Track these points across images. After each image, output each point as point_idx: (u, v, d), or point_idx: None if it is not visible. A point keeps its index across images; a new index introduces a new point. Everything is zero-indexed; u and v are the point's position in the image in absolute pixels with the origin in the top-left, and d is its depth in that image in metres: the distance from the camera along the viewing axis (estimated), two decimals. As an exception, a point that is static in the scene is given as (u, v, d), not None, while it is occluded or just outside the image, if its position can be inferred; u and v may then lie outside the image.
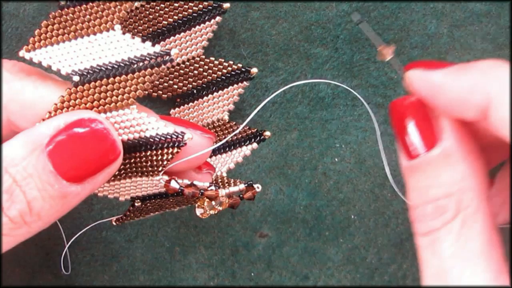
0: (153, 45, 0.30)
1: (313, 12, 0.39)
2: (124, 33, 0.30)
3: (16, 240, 0.28)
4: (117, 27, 0.30)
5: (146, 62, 0.29)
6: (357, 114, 0.41)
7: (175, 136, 0.30)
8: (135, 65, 0.29)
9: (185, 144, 0.30)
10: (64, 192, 0.28)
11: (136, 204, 0.34)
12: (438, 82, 0.28)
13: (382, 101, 0.41)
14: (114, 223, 0.35)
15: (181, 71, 0.37)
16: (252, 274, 0.42)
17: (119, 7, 0.30)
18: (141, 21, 0.36)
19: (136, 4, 0.31)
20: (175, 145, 0.30)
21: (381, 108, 0.41)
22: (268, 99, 0.32)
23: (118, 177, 0.32)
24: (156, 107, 0.39)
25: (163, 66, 0.29)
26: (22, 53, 0.30)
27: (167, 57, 0.29)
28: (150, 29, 0.35)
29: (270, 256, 0.42)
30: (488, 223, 0.28)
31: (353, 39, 0.40)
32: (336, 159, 0.42)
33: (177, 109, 0.38)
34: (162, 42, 0.36)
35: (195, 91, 0.37)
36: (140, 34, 0.36)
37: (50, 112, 0.29)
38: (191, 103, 0.37)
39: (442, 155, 0.29)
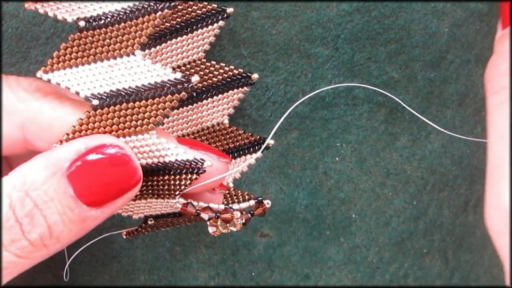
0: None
1: (313, 11, 0.39)
2: (144, 58, 0.30)
3: (34, 262, 0.29)
4: (138, 52, 0.30)
5: (166, 88, 0.29)
6: (358, 113, 0.41)
7: (194, 163, 0.30)
8: (156, 91, 0.29)
9: (205, 171, 0.30)
10: (83, 216, 0.28)
11: (149, 222, 0.34)
12: None
13: (383, 100, 0.41)
14: (124, 237, 0.35)
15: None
16: (253, 273, 0.42)
17: (139, 32, 0.30)
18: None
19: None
20: (194, 171, 0.30)
21: (382, 107, 0.41)
22: (296, 105, 0.32)
23: (134, 198, 0.32)
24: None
25: (183, 92, 0.29)
26: (39, 74, 0.30)
27: (188, 84, 0.29)
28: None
29: (270, 255, 0.42)
30: None
31: (353, 38, 0.40)
32: (336, 158, 0.42)
33: (176, 111, 0.37)
34: (163, 44, 0.35)
35: (194, 94, 0.37)
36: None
37: (68, 134, 0.29)
38: (190, 106, 0.37)
39: None
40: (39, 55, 0.38)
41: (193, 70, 0.37)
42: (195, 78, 0.29)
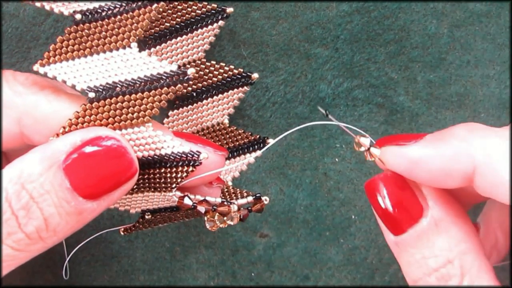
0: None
1: (313, 12, 0.39)
2: (140, 51, 0.30)
3: (31, 255, 0.29)
4: (134, 44, 0.30)
5: (162, 80, 0.29)
6: (358, 114, 0.41)
7: (190, 155, 0.30)
8: (152, 83, 0.29)
9: (201, 163, 0.30)
10: (80, 209, 0.28)
11: (146, 217, 0.34)
12: (416, 157, 0.28)
13: (382, 101, 0.41)
14: (122, 233, 0.35)
15: None
16: (253, 274, 0.42)
17: (135, 24, 0.30)
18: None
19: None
20: (190, 163, 0.30)
21: (382, 108, 0.41)
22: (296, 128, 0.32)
23: (131, 191, 0.32)
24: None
25: (179, 85, 0.29)
26: (36, 67, 0.30)
27: (184, 76, 0.29)
28: (152, 31, 0.35)
29: (270, 256, 0.42)
30: (491, 276, 0.28)
31: (353, 39, 0.40)
32: (336, 159, 0.42)
33: (175, 111, 0.37)
34: (163, 44, 0.36)
35: (194, 94, 0.37)
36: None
37: (64, 127, 0.29)
38: (190, 106, 0.37)
39: (432, 224, 0.28)
40: (39, 55, 0.38)
41: None
42: (191, 71, 0.29)
